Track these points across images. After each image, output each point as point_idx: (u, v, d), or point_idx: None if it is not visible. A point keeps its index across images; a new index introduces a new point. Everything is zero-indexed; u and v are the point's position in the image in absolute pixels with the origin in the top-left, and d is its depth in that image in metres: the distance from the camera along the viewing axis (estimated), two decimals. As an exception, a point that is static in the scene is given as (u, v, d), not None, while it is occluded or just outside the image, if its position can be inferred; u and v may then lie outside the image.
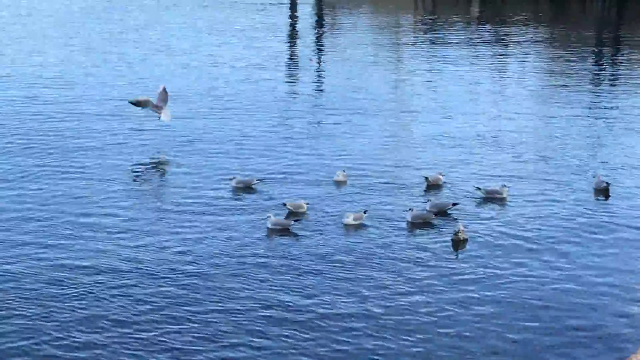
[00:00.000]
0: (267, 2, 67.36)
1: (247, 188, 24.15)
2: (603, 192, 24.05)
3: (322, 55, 47.46)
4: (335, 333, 16.57)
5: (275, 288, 18.24)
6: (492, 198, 23.37)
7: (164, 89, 28.70)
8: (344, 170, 25.17)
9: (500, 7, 67.92)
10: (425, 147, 28.83)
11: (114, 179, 25.21)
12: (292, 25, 58.08)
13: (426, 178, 24.60)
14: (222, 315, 17.13)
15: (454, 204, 22.62)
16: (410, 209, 21.91)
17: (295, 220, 21.46)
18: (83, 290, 18.05)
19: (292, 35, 53.88)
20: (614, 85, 39.98)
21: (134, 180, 25.58)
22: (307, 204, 22.55)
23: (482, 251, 20.28)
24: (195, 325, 16.73)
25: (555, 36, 54.59)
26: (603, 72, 43.18)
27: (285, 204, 22.49)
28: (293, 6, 65.81)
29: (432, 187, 24.38)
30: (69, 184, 24.75)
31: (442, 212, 22.27)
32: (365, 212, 21.88)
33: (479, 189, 23.66)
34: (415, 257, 19.91)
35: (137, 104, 28.65)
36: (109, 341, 16.13)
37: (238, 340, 16.27)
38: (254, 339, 16.27)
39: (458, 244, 20.43)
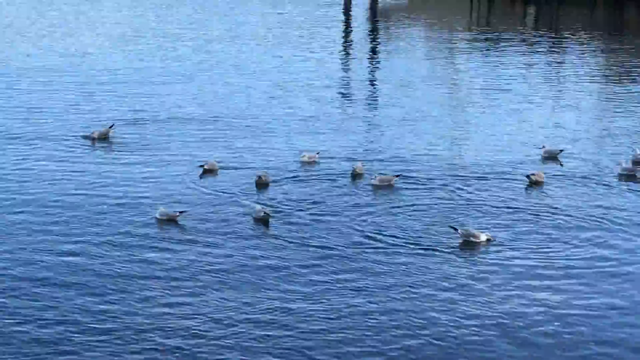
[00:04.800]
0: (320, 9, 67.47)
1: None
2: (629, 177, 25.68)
3: (376, 59, 47.52)
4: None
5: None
6: None
7: None
8: (317, 153, 26.97)
9: (557, 13, 67.46)
10: (477, 152, 28.82)
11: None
12: (345, 33, 58.11)
13: (528, 176, 25.19)
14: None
15: (397, 176, 25.13)
16: (375, 176, 24.90)
17: (180, 212, 21.70)
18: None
19: (345, 45, 53.84)
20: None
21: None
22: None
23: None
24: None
25: (611, 42, 54.10)
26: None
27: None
28: (347, 11, 65.78)
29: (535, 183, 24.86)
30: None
31: (388, 185, 24.65)
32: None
33: (455, 228, 20.95)
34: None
35: None
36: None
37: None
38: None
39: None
